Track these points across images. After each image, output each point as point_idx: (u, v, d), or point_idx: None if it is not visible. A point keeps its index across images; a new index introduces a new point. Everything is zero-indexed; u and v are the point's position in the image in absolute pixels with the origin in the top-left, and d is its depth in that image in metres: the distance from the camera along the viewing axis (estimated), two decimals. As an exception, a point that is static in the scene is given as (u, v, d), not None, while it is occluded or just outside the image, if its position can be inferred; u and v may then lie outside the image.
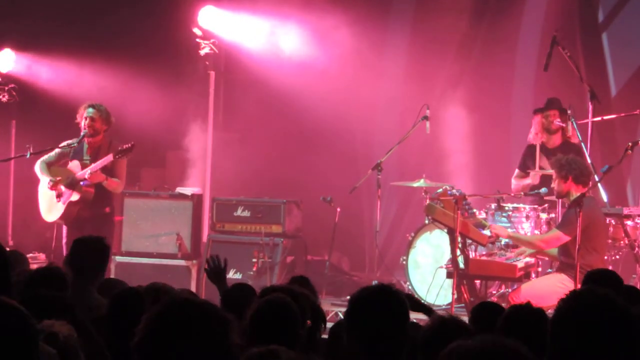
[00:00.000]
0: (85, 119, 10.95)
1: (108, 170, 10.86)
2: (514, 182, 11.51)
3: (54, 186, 10.93)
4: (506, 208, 11.01)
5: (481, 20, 14.06)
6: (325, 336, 5.64)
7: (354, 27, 13.61)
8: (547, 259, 10.45)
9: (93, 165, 10.79)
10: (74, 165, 10.98)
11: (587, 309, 3.52)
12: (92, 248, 7.07)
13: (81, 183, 10.83)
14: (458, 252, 9.82)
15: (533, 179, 11.26)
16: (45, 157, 11.13)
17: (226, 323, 3.62)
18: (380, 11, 14.44)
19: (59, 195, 10.95)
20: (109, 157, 10.72)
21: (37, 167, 11.10)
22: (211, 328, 3.54)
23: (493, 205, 11.09)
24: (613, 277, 6.59)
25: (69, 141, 11.10)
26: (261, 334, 4.77)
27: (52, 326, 4.45)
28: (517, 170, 11.66)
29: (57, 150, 11.11)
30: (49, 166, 11.10)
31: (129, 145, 10.77)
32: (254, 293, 6.07)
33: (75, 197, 10.89)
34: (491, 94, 13.62)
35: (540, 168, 11.18)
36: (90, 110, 10.96)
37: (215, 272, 7.30)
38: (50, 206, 11.04)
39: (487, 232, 10.08)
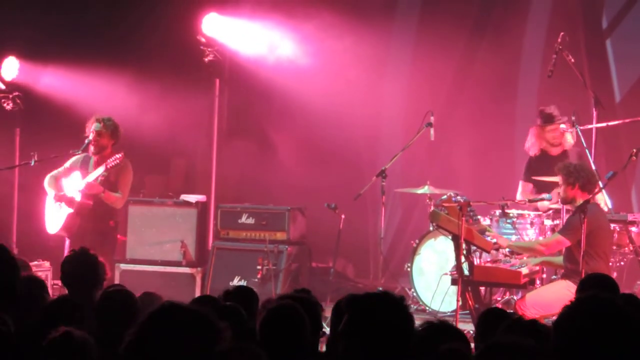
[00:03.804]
0: (92, 132, 10.91)
1: (111, 184, 10.81)
2: (522, 198, 11.40)
3: (59, 199, 10.93)
4: (510, 215, 11.01)
5: (485, 27, 14.06)
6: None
7: (358, 34, 13.63)
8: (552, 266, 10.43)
9: (89, 176, 10.76)
10: (75, 175, 10.96)
11: (591, 315, 3.52)
12: (81, 263, 7.03)
13: (78, 192, 10.81)
14: (463, 258, 9.81)
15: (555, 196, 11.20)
16: (54, 172, 11.12)
17: (216, 330, 3.62)
18: (384, 19, 14.45)
19: (60, 207, 10.95)
20: (101, 169, 10.70)
21: (46, 182, 11.10)
22: (200, 334, 3.55)
23: (497, 212, 11.09)
24: (609, 282, 6.58)
25: (72, 152, 11.07)
26: (270, 339, 4.80)
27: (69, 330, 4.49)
28: (521, 183, 11.64)
29: (65, 165, 11.09)
30: (57, 180, 11.09)
31: (119, 157, 10.71)
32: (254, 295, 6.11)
33: (71, 209, 10.88)
34: (495, 100, 13.62)
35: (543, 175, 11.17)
36: (97, 125, 10.91)
37: None
38: (53, 218, 11.05)
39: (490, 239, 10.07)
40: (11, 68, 13.46)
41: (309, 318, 5.05)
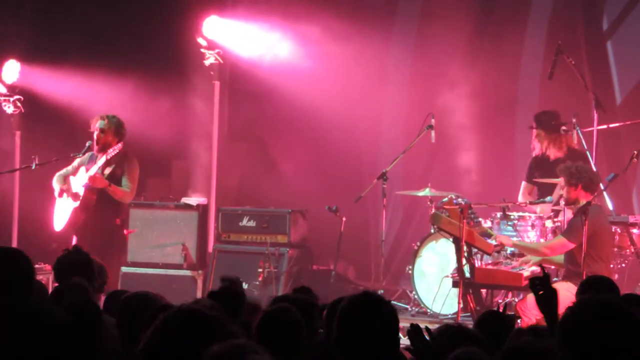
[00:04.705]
0: (97, 130, 10.86)
1: (118, 179, 10.78)
2: (522, 200, 11.42)
3: (60, 194, 10.90)
4: (512, 217, 11.00)
5: (485, 29, 14.05)
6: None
7: (359, 38, 13.63)
8: (552, 267, 10.43)
9: (92, 168, 10.71)
10: (80, 171, 10.93)
11: (595, 316, 3.53)
12: (73, 261, 7.01)
13: (82, 186, 10.75)
14: (464, 261, 9.81)
15: (555, 196, 11.21)
16: (63, 170, 11.07)
17: (230, 334, 3.62)
18: (384, 22, 14.45)
19: (66, 203, 10.93)
20: (101, 161, 10.64)
21: (54, 180, 11.06)
22: (215, 338, 3.55)
23: (499, 214, 11.08)
24: (609, 284, 6.57)
25: (73, 156, 11.04)
26: (266, 343, 4.78)
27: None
28: (523, 183, 11.64)
29: (74, 164, 11.04)
30: (65, 179, 11.06)
31: (118, 147, 10.67)
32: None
33: (76, 203, 10.84)
34: (496, 102, 13.61)
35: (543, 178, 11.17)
36: (101, 122, 10.87)
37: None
38: (60, 215, 11.02)
39: (492, 241, 10.07)
40: (12, 71, 13.47)
41: (306, 320, 5.04)
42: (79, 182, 10.85)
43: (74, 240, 10.97)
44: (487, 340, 5.23)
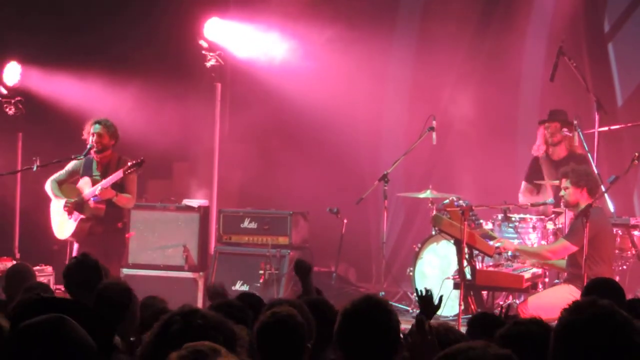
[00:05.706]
0: (92, 135, 10.88)
1: (118, 186, 10.79)
2: (522, 199, 11.48)
3: (69, 207, 10.89)
4: (513, 219, 11.00)
5: (487, 31, 14.06)
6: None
7: (360, 39, 13.63)
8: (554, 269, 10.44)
9: (103, 181, 10.73)
10: (84, 182, 10.92)
11: (588, 321, 3.51)
12: (85, 268, 7.02)
13: (92, 199, 10.78)
14: (465, 263, 9.81)
15: (544, 194, 11.25)
16: (56, 175, 11.06)
17: (232, 335, 3.61)
18: (386, 23, 14.45)
19: (70, 213, 10.92)
20: (119, 174, 10.67)
21: (48, 187, 11.03)
22: (218, 339, 3.53)
23: (500, 216, 11.09)
24: (614, 286, 6.56)
25: (74, 157, 11.03)
26: (267, 347, 4.77)
27: None
28: (523, 183, 11.66)
29: (67, 168, 11.04)
30: (60, 184, 11.05)
31: (139, 160, 10.71)
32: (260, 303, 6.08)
33: (85, 214, 10.86)
34: (497, 104, 13.62)
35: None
36: (97, 126, 10.87)
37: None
38: (62, 223, 11.00)
39: (497, 244, 10.06)
40: (13, 73, 13.46)
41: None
42: (86, 192, 10.85)
43: (76, 246, 10.98)
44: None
